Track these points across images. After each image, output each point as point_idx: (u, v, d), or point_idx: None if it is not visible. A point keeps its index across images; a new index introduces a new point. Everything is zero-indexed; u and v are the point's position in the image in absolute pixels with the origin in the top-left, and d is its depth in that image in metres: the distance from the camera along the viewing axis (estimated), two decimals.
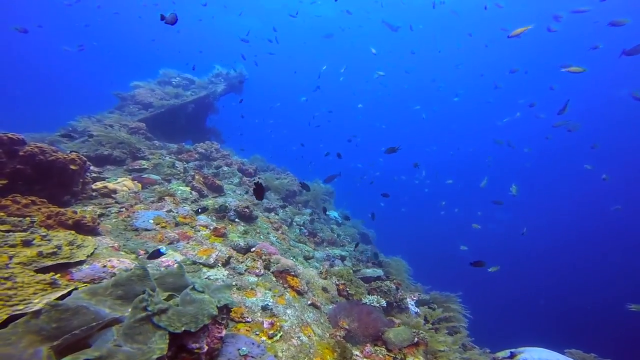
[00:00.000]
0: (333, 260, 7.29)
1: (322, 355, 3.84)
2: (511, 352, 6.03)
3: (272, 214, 7.93)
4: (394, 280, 6.92)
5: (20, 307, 2.24)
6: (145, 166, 7.49)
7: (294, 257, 6.30)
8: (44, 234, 3.24)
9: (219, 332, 2.72)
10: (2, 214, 3.32)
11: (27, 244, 3.01)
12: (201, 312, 2.44)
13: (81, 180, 5.35)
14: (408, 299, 6.64)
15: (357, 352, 4.17)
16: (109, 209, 5.09)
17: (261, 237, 6.37)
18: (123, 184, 5.96)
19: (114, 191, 5.73)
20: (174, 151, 9.07)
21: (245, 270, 4.78)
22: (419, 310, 6.61)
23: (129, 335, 2.09)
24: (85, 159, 5.24)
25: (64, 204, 4.92)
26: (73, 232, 3.61)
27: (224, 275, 4.47)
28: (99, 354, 1.83)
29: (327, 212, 10.84)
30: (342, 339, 4.30)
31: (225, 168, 9.08)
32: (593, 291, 31.02)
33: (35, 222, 3.47)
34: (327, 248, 8.38)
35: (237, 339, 3.13)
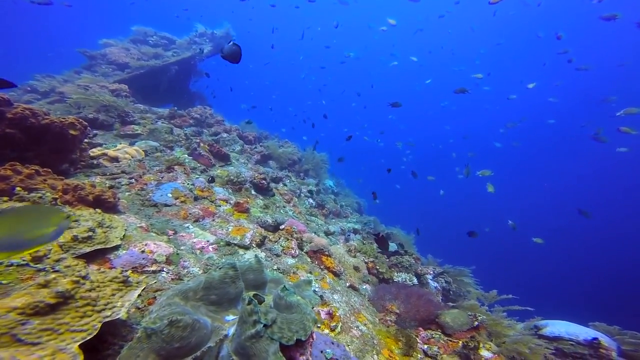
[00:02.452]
0: (348, 235, 6.95)
1: (387, 345, 3.52)
2: (535, 326, 6.01)
3: (280, 184, 7.40)
4: (413, 255, 6.70)
5: (108, 312, 1.77)
6: (139, 132, 6.68)
7: (314, 232, 5.89)
8: (70, 213, 2.61)
9: (312, 338, 2.31)
10: (19, 188, 2.64)
11: None
12: (305, 317, 2.03)
13: (79, 146, 4.59)
14: (427, 275, 6.46)
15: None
16: (118, 180, 4.41)
17: (281, 211, 5.89)
18: (124, 150, 5.21)
19: (116, 159, 5.01)
20: (166, 116, 8.20)
21: (281, 252, 4.33)
22: (438, 285, 6.46)
23: (245, 355, 1.67)
24: (85, 123, 4.47)
25: (63, 174, 4.20)
26: (99, 210, 2.99)
27: (261, 257, 4.00)
28: None
29: (324, 181, 10.42)
30: (393, 324, 4.01)
31: (225, 135, 8.35)
32: (617, 264, 32.73)
33: (57, 199, 2.81)
34: (334, 220, 8.03)
35: (315, 339, 2.72)
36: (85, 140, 5.39)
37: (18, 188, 2.65)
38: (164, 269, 2.95)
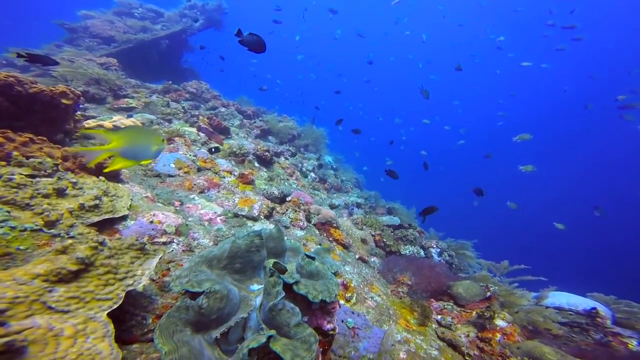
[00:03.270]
0: (352, 209, 6.84)
1: (403, 316, 3.45)
2: (535, 296, 6.03)
3: (282, 158, 7.21)
4: (417, 229, 6.63)
5: (130, 281, 1.65)
6: (134, 105, 6.40)
7: (319, 205, 5.76)
8: (73, 180, 2.43)
9: (338, 306, 2.21)
10: (16, 153, 2.42)
11: (61, 193, 2.20)
12: (328, 282, 1.93)
13: (73, 117, 4.33)
14: (431, 248, 6.40)
15: None
16: None
17: (285, 184, 5.72)
18: (121, 122, 4.96)
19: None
20: (160, 90, 7.88)
21: (290, 223, 4.19)
22: (441, 259, 6.41)
23: (272, 326, 1.60)
24: (78, 92, 4.19)
25: (58, 144, 3.95)
26: (103, 178, 2.79)
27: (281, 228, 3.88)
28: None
29: (323, 156, 10.24)
30: (405, 295, 3.94)
31: (223, 109, 8.08)
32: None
33: (58, 165, 2.60)
34: (335, 195, 7.90)
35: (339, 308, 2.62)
36: (78, 112, 5.13)
37: (15, 153, 2.43)
38: (174, 240, 2.79)
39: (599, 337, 4.30)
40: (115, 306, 1.49)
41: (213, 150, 5.05)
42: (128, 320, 1.77)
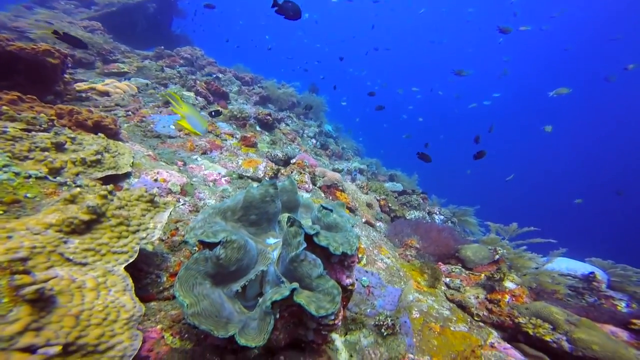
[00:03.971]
0: (355, 174, 6.73)
1: (413, 277, 3.41)
2: (546, 259, 6.03)
3: (283, 124, 7.01)
4: (420, 195, 6.56)
5: (143, 234, 1.55)
6: (126, 70, 6.10)
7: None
8: (72, 135, 2.26)
9: (357, 259, 2.13)
10: (6, 108, 2.24)
11: (60, 147, 2.05)
12: (348, 234, 1.82)
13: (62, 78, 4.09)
14: (435, 214, 6.35)
15: None
16: (113, 112, 3.98)
17: (288, 147, 5.57)
18: (114, 85, 4.72)
19: (106, 93, 4.53)
20: (152, 56, 7.53)
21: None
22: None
23: (292, 278, 1.53)
24: (65, 52, 3.92)
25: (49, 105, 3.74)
26: (102, 135, 2.61)
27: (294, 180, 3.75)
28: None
29: (323, 124, 10.07)
30: (413, 259, 3.90)
31: (220, 75, 7.78)
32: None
33: (54, 120, 2.42)
34: (337, 161, 7.77)
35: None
36: (67, 74, 4.86)
37: (5, 108, 2.24)
38: (180, 200, 2.67)
39: (593, 300, 4.34)
40: (131, 260, 1.40)
41: (214, 113, 4.86)
42: (143, 278, 1.68)
